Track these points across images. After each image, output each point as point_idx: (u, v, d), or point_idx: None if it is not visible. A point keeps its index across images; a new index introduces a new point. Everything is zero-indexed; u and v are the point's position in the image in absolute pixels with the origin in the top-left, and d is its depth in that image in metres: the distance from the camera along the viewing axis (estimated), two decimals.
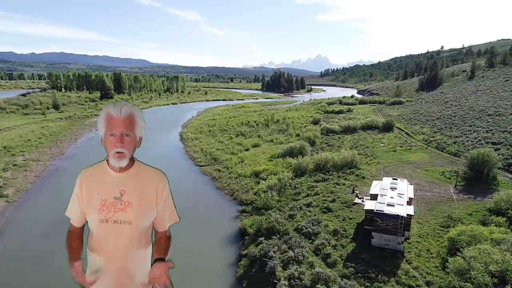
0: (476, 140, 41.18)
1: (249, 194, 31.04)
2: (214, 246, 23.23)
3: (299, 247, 19.45)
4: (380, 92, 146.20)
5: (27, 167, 39.42)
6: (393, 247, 19.00)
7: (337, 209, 25.41)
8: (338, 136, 53.28)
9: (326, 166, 35.80)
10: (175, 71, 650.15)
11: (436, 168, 34.32)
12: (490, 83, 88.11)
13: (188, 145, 52.21)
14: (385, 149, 43.73)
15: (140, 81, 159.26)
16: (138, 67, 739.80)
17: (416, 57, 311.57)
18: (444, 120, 57.60)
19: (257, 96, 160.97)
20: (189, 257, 21.77)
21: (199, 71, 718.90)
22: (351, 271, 17.35)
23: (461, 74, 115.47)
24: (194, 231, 25.39)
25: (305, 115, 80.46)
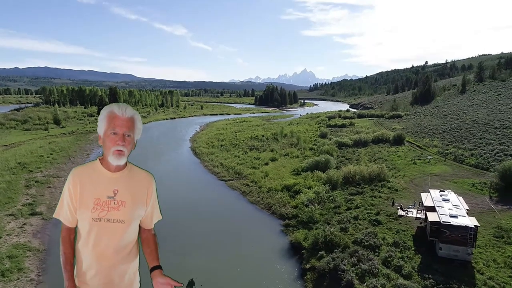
0: (494, 152, 42.53)
1: (287, 208, 31.16)
2: (269, 260, 23.16)
3: (368, 260, 19.67)
4: (374, 106, 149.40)
5: (49, 183, 38.59)
6: (462, 257, 19.45)
7: (385, 221, 25.79)
8: (352, 149, 54.07)
9: (354, 179, 36.35)
10: (162, 86, 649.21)
11: (463, 179, 35.29)
12: (483, 97, 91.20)
13: (204, 159, 52.06)
14: (404, 161, 44.67)
15: (135, 95, 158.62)
16: (124, 81, 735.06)
17: (402, 71, 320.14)
18: (452, 133, 59.22)
19: (252, 110, 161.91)
20: (248, 273, 21.74)
21: (186, 85, 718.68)
22: (431, 283, 17.61)
23: (452, 88, 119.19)
24: (244, 245, 25.45)
25: (309, 129, 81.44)
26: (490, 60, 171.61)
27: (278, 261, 23.12)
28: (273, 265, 22.73)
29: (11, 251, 22.59)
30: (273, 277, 21.23)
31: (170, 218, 29.72)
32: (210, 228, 28.57)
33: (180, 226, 28.22)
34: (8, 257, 21.79)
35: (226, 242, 26.13)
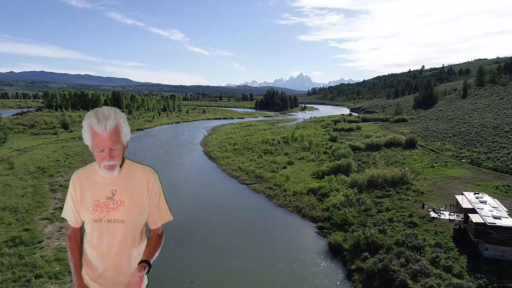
0: (511, 155, 43.33)
1: (317, 211, 31.59)
2: (312, 261, 23.56)
3: (416, 261, 20.14)
4: (376, 110, 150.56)
5: None
6: (509, 258, 19.95)
7: (420, 223, 26.30)
8: (365, 153, 54.64)
9: (377, 182, 36.89)
10: (158, 90, 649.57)
11: (486, 182, 35.93)
12: (486, 101, 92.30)
13: (221, 163, 52.39)
14: (421, 165, 45.30)
15: (137, 100, 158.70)
16: (121, 85, 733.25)
17: (400, 76, 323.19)
18: (463, 137, 60.05)
19: (255, 114, 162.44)
20: (293, 272, 22.10)
21: (183, 89, 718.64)
22: (485, 282, 18.10)
23: (453, 92, 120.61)
24: (282, 246, 25.80)
25: (317, 133, 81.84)
26: (486, 65, 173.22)
27: (321, 262, 23.51)
28: (317, 265, 23.13)
29: (57, 254, 22.77)
30: (320, 277, 21.64)
31: (202, 221, 30.12)
32: (244, 231, 28.99)
33: (213, 229, 28.61)
34: (56, 260, 21.97)
35: (263, 243, 26.56)
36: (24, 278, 19.54)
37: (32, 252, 22.82)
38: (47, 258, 21.93)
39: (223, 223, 30.09)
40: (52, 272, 20.45)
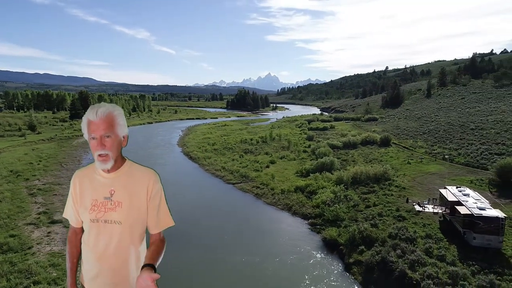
0: (480, 151, 46.34)
1: (307, 208, 32.31)
2: (310, 255, 24.19)
3: (412, 252, 21.25)
4: (346, 109, 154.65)
5: (53, 191, 37.16)
6: (494, 245, 21.53)
7: (408, 217, 27.67)
8: (344, 151, 56.28)
9: (360, 179, 38.25)
10: (124, 90, 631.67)
11: (460, 177, 38.25)
12: (449, 100, 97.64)
13: (203, 163, 52.08)
14: (398, 162, 47.41)
15: (105, 100, 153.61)
16: (84, 85, 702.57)
17: (365, 76, 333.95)
18: (432, 135, 63.31)
19: (228, 114, 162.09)
20: (292, 266, 22.64)
21: (150, 89, 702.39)
22: (477, 268, 19.43)
23: (418, 92, 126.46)
24: (278, 242, 26.28)
25: (292, 132, 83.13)
26: (446, 66, 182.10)
27: (318, 256, 24.20)
28: (315, 259, 23.78)
29: (51, 259, 21.89)
30: (319, 269, 22.34)
31: (193, 220, 29.97)
32: (237, 228, 29.25)
33: (206, 228, 28.61)
34: (51, 265, 21.14)
35: (258, 239, 27.00)
36: (21, 285, 18.70)
37: (23, 259, 21.83)
38: (41, 264, 21.06)
39: (215, 222, 30.09)
40: (50, 278, 19.69)
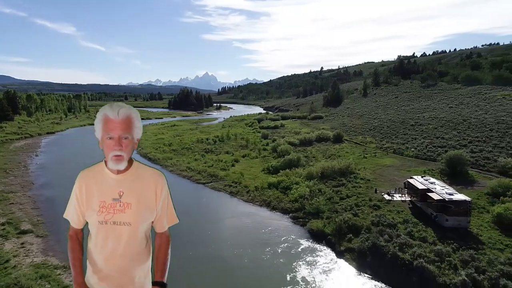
0: (424, 145, 51.50)
1: (285, 203, 33.49)
2: (297, 245, 25.47)
3: (398, 236, 23.40)
4: (289, 108, 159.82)
5: (8, 200, 33.75)
6: (464, 226, 24.50)
7: (382, 206, 30.14)
8: (301, 148, 58.58)
9: (328, 173, 40.50)
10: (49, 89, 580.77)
11: (414, 168, 42.25)
12: (384, 99, 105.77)
13: (165, 164, 50.78)
14: (355, 156, 50.81)
15: (35, 100, 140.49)
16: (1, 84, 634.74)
17: (302, 76, 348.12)
18: (378, 131, 68.52)
19: (173, 114, 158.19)
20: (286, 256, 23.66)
21: (80, 88, 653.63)
22: (456, 246, 21.98)
23: (355, 91, 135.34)
24: (266, 235, 27.07)
25: (245, 131, 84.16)
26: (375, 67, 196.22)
27: (308, 245, 25.52)
28: (305, 248, 25.06)
29: (38, 271, 20.24)
30: (312, 256, 23.70)
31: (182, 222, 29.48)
32: (220, 225, 29.61)
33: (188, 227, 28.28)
34: (40, 277, 19.56)
35: (243, 233, 27.75)
36: None
37: (6, 273, 19.91)
38: (29, 277, 19.32)
39: (195, 221, 29.73)
40: None
